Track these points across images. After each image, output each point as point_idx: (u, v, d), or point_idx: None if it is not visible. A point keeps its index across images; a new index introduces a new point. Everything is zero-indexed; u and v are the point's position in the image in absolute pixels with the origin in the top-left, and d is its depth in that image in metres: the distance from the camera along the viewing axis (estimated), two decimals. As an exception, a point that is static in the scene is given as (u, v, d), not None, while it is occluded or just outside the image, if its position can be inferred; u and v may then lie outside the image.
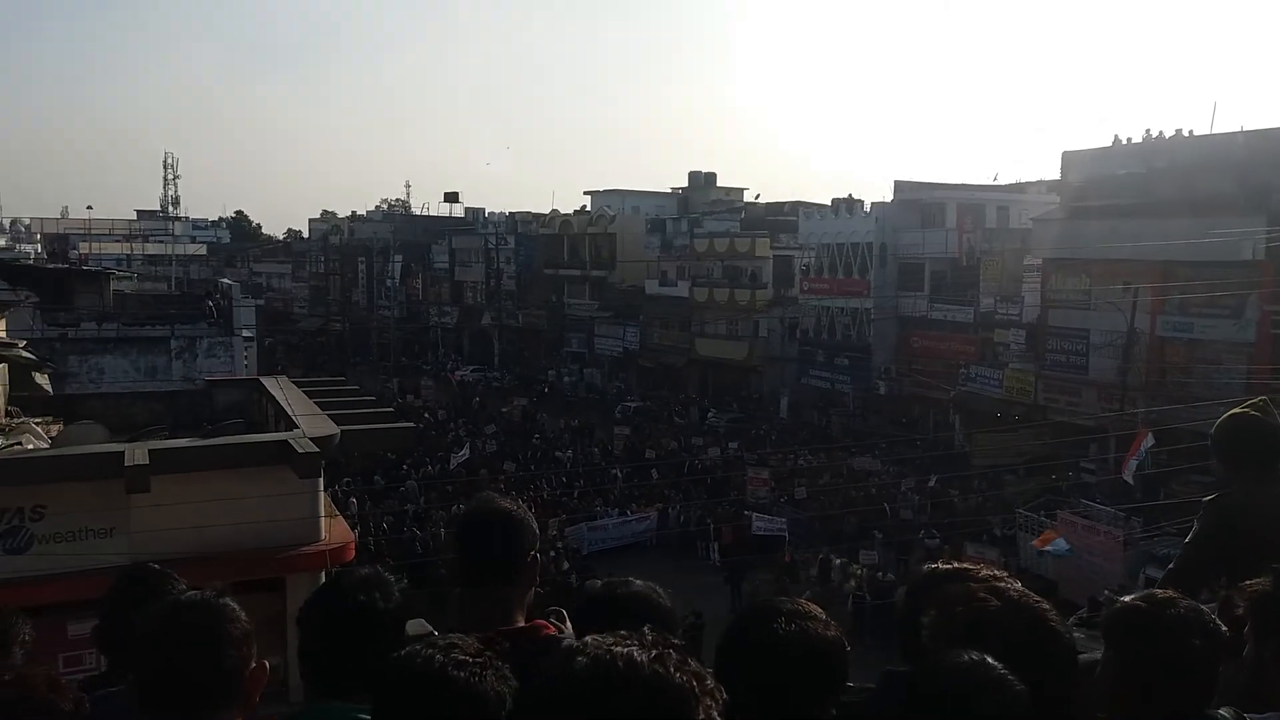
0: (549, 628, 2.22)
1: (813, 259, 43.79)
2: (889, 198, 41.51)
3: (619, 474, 27.44)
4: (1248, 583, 2.25)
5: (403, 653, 1.61)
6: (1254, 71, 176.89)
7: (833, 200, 46.95)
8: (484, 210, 72.63)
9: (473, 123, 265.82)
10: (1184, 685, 1.90)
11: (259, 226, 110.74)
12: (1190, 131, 31.32)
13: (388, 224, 72.23)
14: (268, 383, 12.00)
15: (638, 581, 2.19)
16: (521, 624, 2.26)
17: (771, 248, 46.21)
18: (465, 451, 28.82)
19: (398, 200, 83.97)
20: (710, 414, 41.51)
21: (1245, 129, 29.43)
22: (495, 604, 2.26)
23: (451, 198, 70.64)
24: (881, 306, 39.51)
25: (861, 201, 43.82)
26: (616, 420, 39.29)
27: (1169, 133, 31.68)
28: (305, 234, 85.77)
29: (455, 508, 24.79)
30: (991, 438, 31.75)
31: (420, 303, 65.89)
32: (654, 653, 1.17)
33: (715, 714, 1.16)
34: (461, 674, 1.57)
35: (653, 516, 25.74)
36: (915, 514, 26.34)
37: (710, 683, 1.18)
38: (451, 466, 27.57)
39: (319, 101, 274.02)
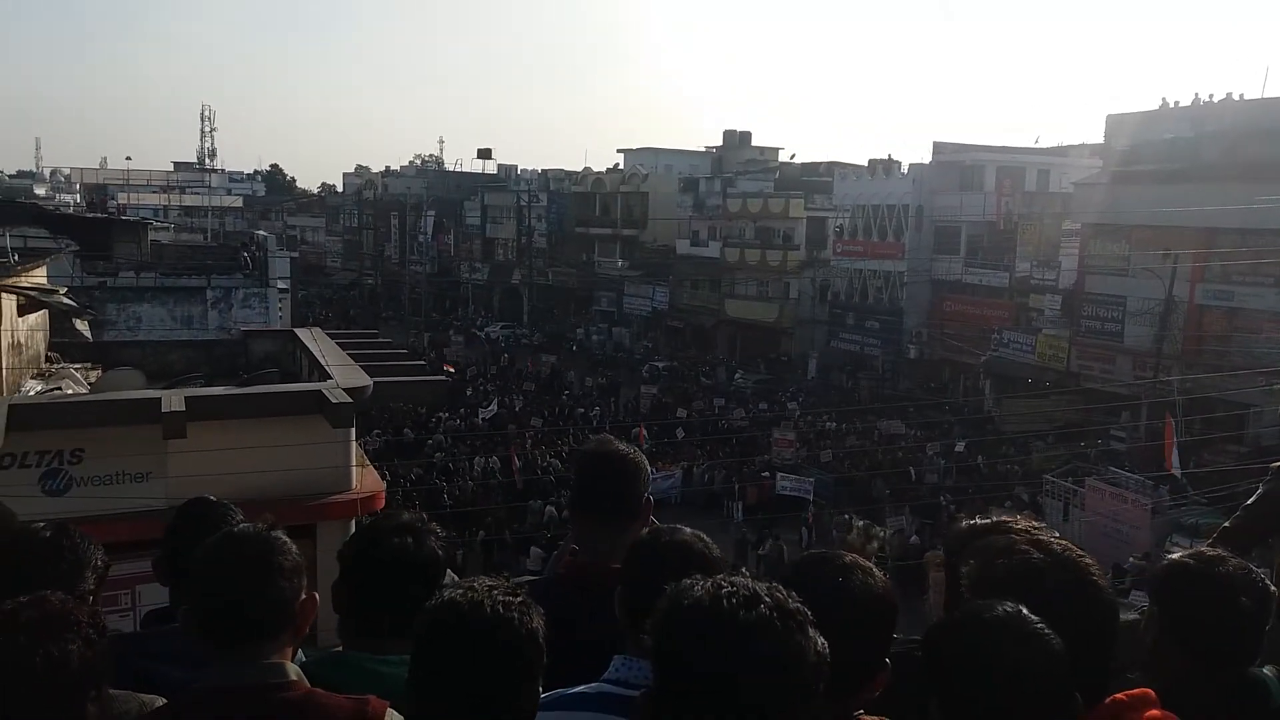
0: None
1: (847, 220, 43.28)
2: (927, 159, 40.86)
3: (644, 431, 27.54)
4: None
5: (445, 593, 1.63)
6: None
7: (870, 161, 46.27)
8: (516, 167, 72.40)
9: (508, 79, 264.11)
10: (1228, 643, 1.88)
11: (293, 180, 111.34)
12: (1240, 95, 30.46)
13: (421, 179, 72.23)
14: (302, 334, 12.09)
15: (685, 529, 2.19)
16: None
17: (805, 209, 45.70)
18: (493, 407, 29.01)
19: (431, 156, 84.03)
20: (738, 375, 41.43)
21: (1297, 93, 28.59)
22: (612, 538, 2.37)
23: (485, 154, 70.39)
24: (915, 270, 39.05)
25: (899, 163, 43.17)
26: (644, 380, 39.33)
27: (1219, 96, 30.84)
28: (339, 188, 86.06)
29: (486, 461, 25.13)
30: (1022, 404, 31.45)
31: (451, 259, 66.02)
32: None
33: None
34: (506, 613, 1.59)
35: (678, 474, 25.86)
36: (940, 479, 26.24)
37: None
38: (481, 421, 27.78)
39: (355, 56, 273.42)
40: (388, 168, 79.46)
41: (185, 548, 2.18)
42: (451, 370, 35.80)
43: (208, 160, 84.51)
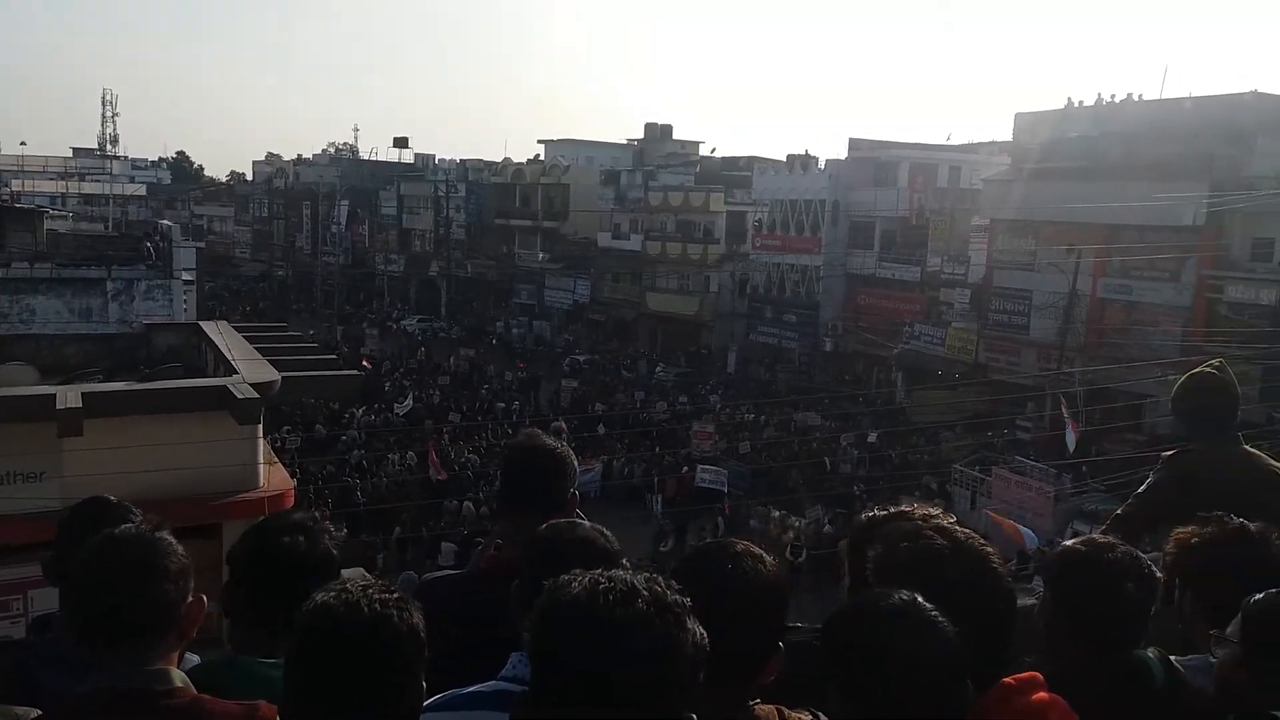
0: None
1: (765, 215, 43.83)
2: (844, 155, 41.59)
3: (563, 425, 27.51)
4: (1175, 531, 2.30)
5: (318, 596, 1.59)
6: (1203, 38, 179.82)
7: (788, 156, 46.90)
8: (434, 157, 71.38)
9: (424, 67, 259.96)
10: (1115, 627, 1.95)
11: (201, 168, 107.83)
12: (1140, 96, 31.79)
13: (334, 168, 70.63)
14: (207, 327, 11.76)
15: (585, 524, 2.19)
16: None
17: (725, 203, 46.12)
18: (409, 401, 28.57)
19: (345, 144, 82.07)
20: (659, 368, 41.64)
21: (1193, 95, 29.95)
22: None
23: (401, 143, 69.09)
24: (831, 264, 39.77)
25: (816, 159, 43.86)
26: (565, 373, 39.24)
27: (1120, 97, 32.12)
28: (249, 177, 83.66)
29: (400, 457, 24.76)
30: (932, 395, 32.36)
31: (366, 250, 64.84)
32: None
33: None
34: (384, 611, 1.56)
35: (597, 468, 25.88)
36: (854, 469, 26.83)
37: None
38: (397, 415, 27.34)
39: (266, 39, 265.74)
40: (300, 156, 77.57)
41: (76, 550, 2.09)
42: (369, 365, 35.15)
43: (109, 146, 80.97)
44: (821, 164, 42.47)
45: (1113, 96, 32.31)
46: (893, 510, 2.18)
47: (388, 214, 64.00)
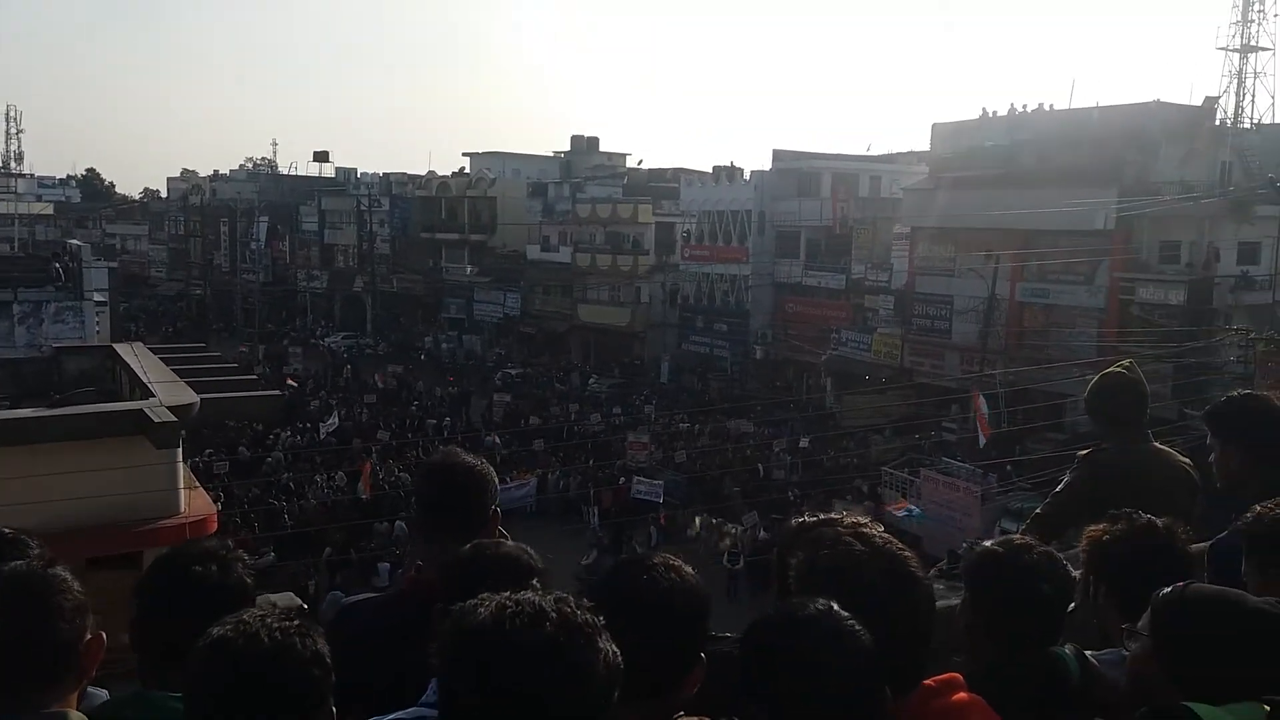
0: None
1: (694, 226, 44.21)
2: (768, 166, 42.19)
3: (497, 440, 27.28)
4: (1088, 528, 2.37)
5: (214, 629, 1.54)
6: (1108, 50, 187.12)
7: (714, 168, 47.40)
8: (356, 171, 70.26)
9: (344, 80, 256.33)
10: (1032, 626, 1.99)
11: (112, 185, 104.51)
12: (1051, 106, 32.97)
13: (252, 183, 69.14)
14: (122, 350, 11.41)
15: (508, 542, 2.17)
16: None
17: (654, 214, 46.38)
18: (335, 421, 28.02)
19: (264, 159, 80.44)
20: (592, 380, 41.59)
21: (1100, 104, 31.15)
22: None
23: (321, 157, 68.01)
24: (759, 273, 40.27)
25: (742, 170, 44.42)
26: (497, 387, 38.93)
27: (1032, 107, 33.28)
28: (163, 193, 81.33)
29: (328, 478, 24.25)
30: (860, 399, 32.92)
31: (287, 267, 63.54)
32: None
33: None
34: (285, 640, 1.51)
35: (532, 483, 25.71)
36: (787, 474, 27.13)
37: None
38: (321, 436, 26.81)
39: (179, 53, 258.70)
40: (216, 172, 75.80)
41: None
42: (293, 384, 34.39)
43: (14, 164, 78.08)
44: (747, 175, 43.05)
45: (1025, 107, 33.48)
46: (820, 517, 2.19)
47: (309, 229, 62.85)
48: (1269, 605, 1.80)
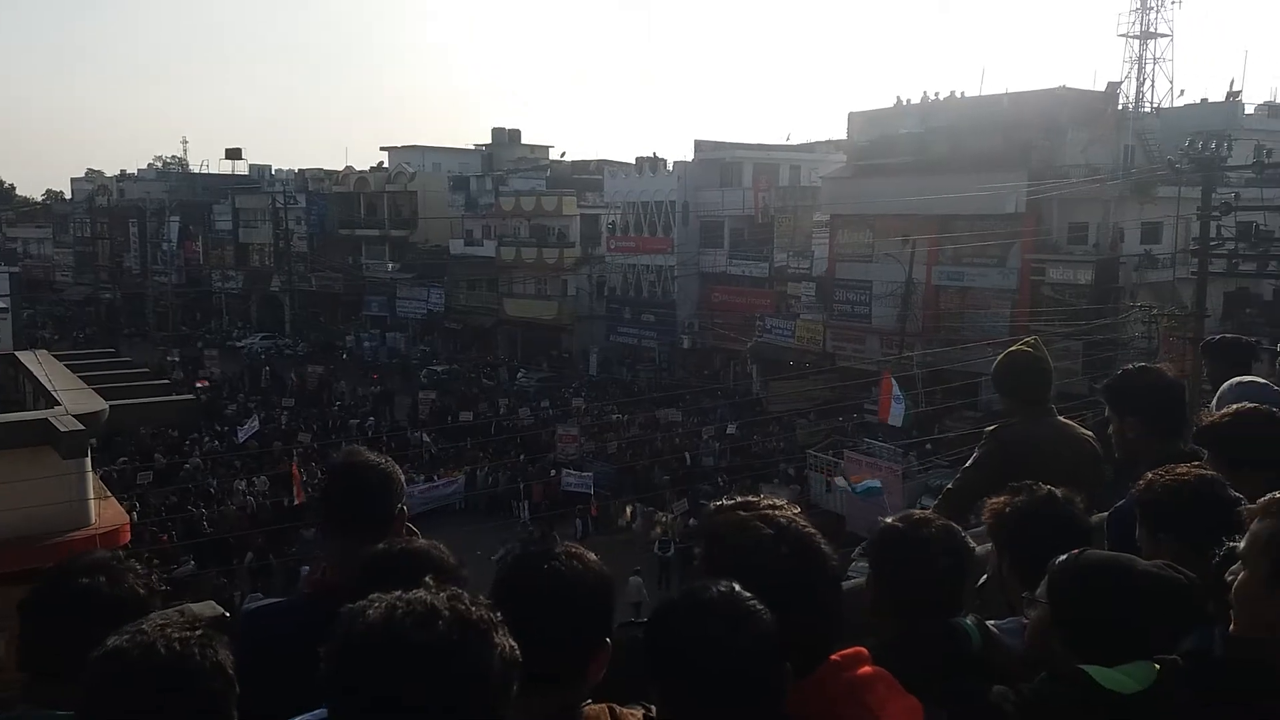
0: None
1: (618, 217, 44.20)
2: (690, 157, 42.39)
3: (424, 437, 26.94)
4: (990, 500, 2.43)
5: (110, 640, 1.49)
6: (1017, 36, 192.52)
7: (637, 159, 47.40)
8: (270, 167, 68.48)
9: (257, 75, 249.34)
10: (932, 596, 2.03)
11: (12, 187, 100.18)
12: (963, 93, 33.77)
13: (162, 183, 66.94)
14: (24, 357, 10.89)
15: (418, 541, 2.15)
16: None
17: (578, 206, 46.21)
18: (254, 424, 27.33)
19: (174, 157, 78.03)
20: (520, 374, 41.35)
21: (1010, 91, 32.04)
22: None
23: (234, 154, 66.06)
24: (685, 263, 40.50)
25: (665, 160, 44.52)
26: (422, 385, 38.40)
27: (944, 94, 34.02)
28: (68, 195, 78.18)
29: (248, 483, 23.65)
30: (785, 385, 33.38)
31: (201, 267, 61.75)
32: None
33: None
34: (184, 650, 1.47)
35: (460, 480, 25.48)
36: (715, 460, 27.39)
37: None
38: (240, 440, 26.15)
39: (81, 49, 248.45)
40: (123, 171, 73.16)
41: None
42: (203, 386, 33.39)
43: (-97, 166, 74.21)
44: (670, 166, 43.18)
45: (937, 94, 34.21)
46: (733, 500, 2.21)
47: (223, 229, 61.14)
48: (1157, 568, 1.88)
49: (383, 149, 65.81)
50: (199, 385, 33.52)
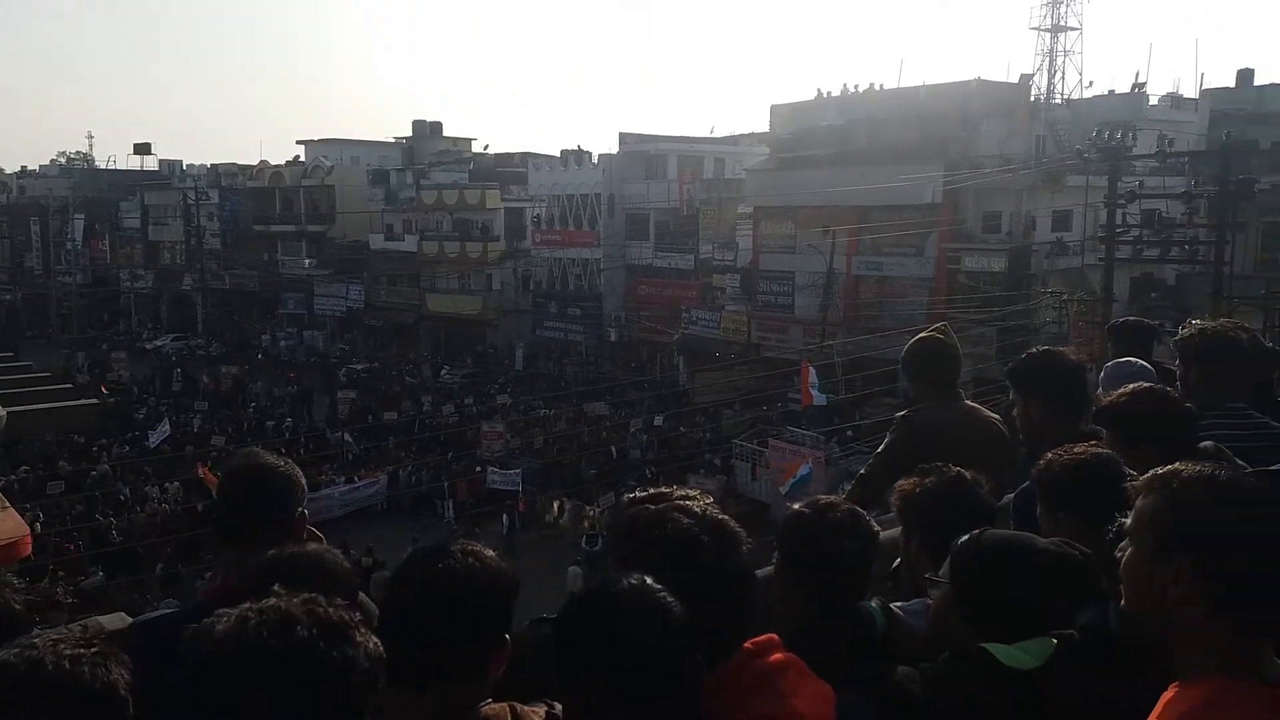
0: None
1: (543, 210, 43.93)
2: (615, 150, 42.36)
3: (346, 437, 26.45)
4: (899, 483, 2.46)
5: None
6: (933, 27, 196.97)
7: (561, 151, 47.17)
8: (181, 163, 66.36)
9: (166, 67, 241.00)
10: (837, 582, 2.04)
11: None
12: (881, 85, 34.42)
13: (66, 179, 64.25)
14: (-89, 363, 10.35)
15: (313, 546, 2.10)
16: None
17: (502, 199, 45.80)
18: (165, 428, 26.44)
19: (78, 153, 74.85)
20: (444, 371, 40.85)
21: (927, 83, 32.72)
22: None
23: (143, 149, 63.90)
24: (611, 256, 40.49)
25: (589, 153, 44.38)
26: (342, 384, 37.62)
27: (863, 87, 34.65)
28: (-39, 192, 74.50)
29: (161, 490, 22.89)
30: (711, 376, 33.67)
31: (108, 267, 59.53)
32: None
33: None
34: (74, 669, 1.38)
35: (382, 480, 25.06)
36: (643, 453, 27.47)
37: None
38: (151, 445, 25.29)
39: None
40: (24, 168, 70.14)
41: None
42: (108, 390, 32.20)
43: None
44: (594, 159, 43.07)
45: (856, 87, 34.82)
46: (648, 492, 2.19)
47: (131, 226, 59.08)
48: (1054, 546, 1.91)
49: (299, 142, 64.40)
50: (106, 389, 32.33)
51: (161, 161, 66.15)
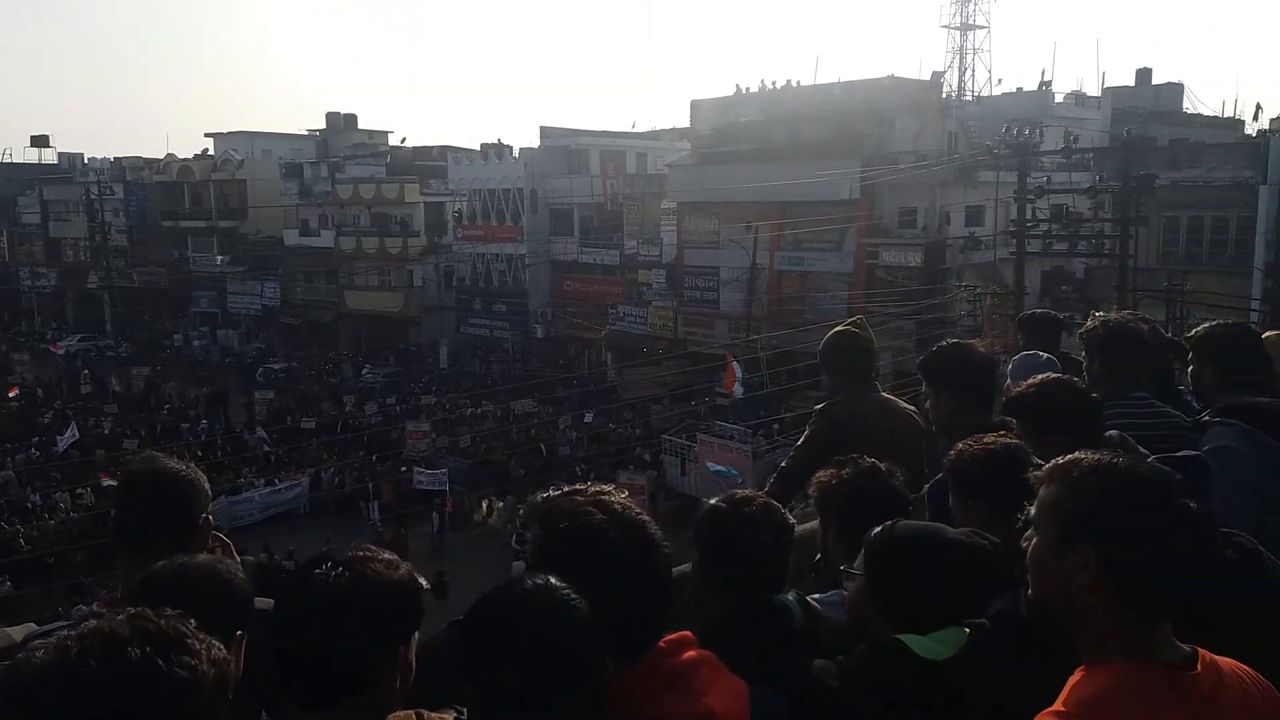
0: None
1: (465, 205, 43.36)
2: (536, 144, 42.04)
3: (265, 438, 25.79)
4: (816, 474, 2.48)
5: None
6: (848, 24, 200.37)
7: (482, 145, 46.59)
8: (83, 156, 63.63)
9: (65, 56, 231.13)
10: (753, 574, 2.05)
11: None
12: (799, 82, 34.80)
13: (-43, 173, 61.21)
14: None
15: (202, 557, 2.04)
16: None
17: (421, 194, 45.07)
18: (73, 432, 25.42)
19: (-30, 145, 71.38)
20: (365, 370, 40.09)
21: (843, 80, 33.22)
22: None
23: (40, 142, 61.05)
24: (535, 252, 40.19)
25: (510, 147, 43.95)
26: (258, 384, 36.64)
27: (781, 83, 34.99)
28: None
29: (72, 497, 22.00)
30: (639, 371, 33.72)
31: (7, 265, 57.14)
32: None
33: None
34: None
35: (304, 482, 24.52)
36: (573, 450, 27.38)
37: None
38: (60, 450, 24.29)
39: None
40: (-88, 162, 66.48)
41: None
42: (14, 393, 30.87)
43: None
44: (516, 152, 42.68)
45: (774, 83, 35.16)
46: (563, 489, 2.16)
47: (30, 223, 56.67)
48: (965, 535, 1.94)
49: (207, 135, 62.42)
50: (9, 393, 30.97)
51: (61, 155, 63.31)
